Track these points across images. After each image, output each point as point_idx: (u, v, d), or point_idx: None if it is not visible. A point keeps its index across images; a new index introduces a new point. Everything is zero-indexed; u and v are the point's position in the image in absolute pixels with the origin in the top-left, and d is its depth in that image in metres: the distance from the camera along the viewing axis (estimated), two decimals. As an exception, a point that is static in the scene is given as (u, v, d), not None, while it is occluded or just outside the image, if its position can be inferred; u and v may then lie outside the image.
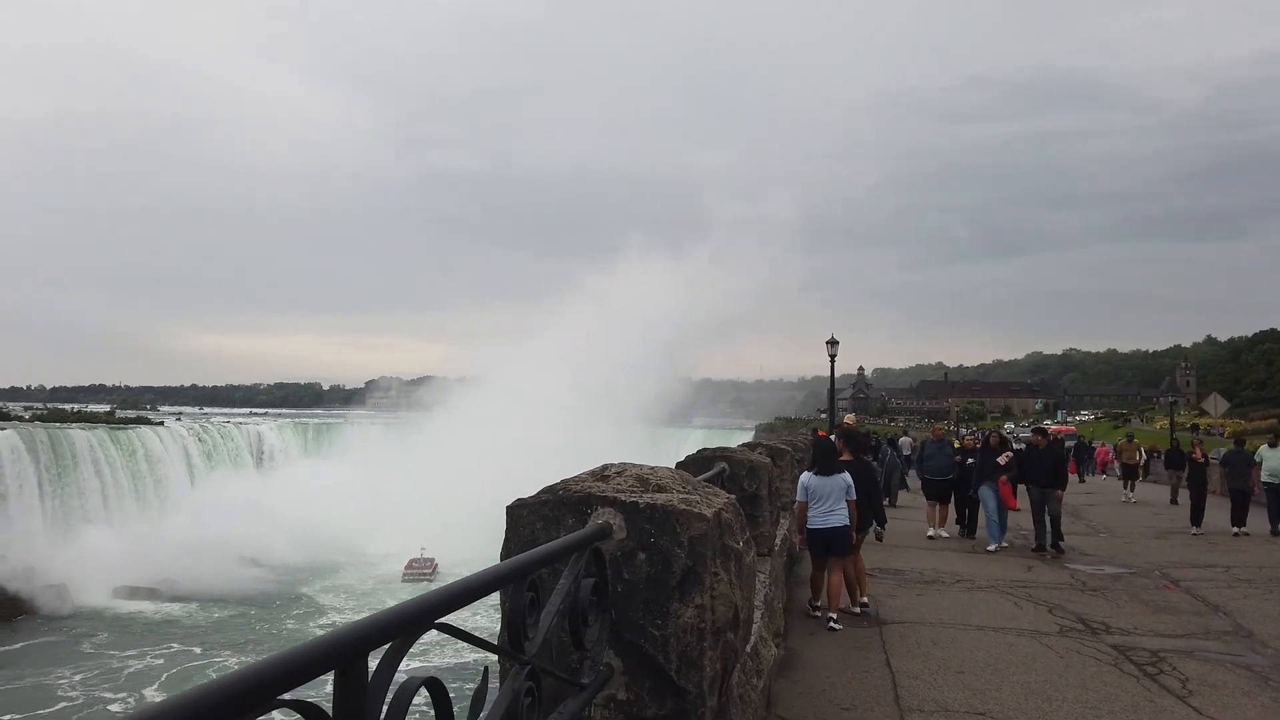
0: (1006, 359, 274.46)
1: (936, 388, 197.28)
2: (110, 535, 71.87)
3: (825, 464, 10.02)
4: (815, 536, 9.91)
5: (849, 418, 19.60)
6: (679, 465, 6.78)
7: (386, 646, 1.46)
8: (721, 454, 7.50)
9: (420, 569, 72.11)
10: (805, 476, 10.12)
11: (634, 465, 3.29)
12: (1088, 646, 8.83)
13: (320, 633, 1.47)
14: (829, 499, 9.85)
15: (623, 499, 2.79)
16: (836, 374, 38.60)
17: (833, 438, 21.83)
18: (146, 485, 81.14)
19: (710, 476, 5.80)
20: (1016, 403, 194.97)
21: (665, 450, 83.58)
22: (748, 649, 4.19)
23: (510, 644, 1.97)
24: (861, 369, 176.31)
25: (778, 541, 8.71)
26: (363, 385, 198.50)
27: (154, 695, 45.73)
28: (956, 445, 20.05)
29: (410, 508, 78.00)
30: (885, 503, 23.90)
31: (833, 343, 35.46)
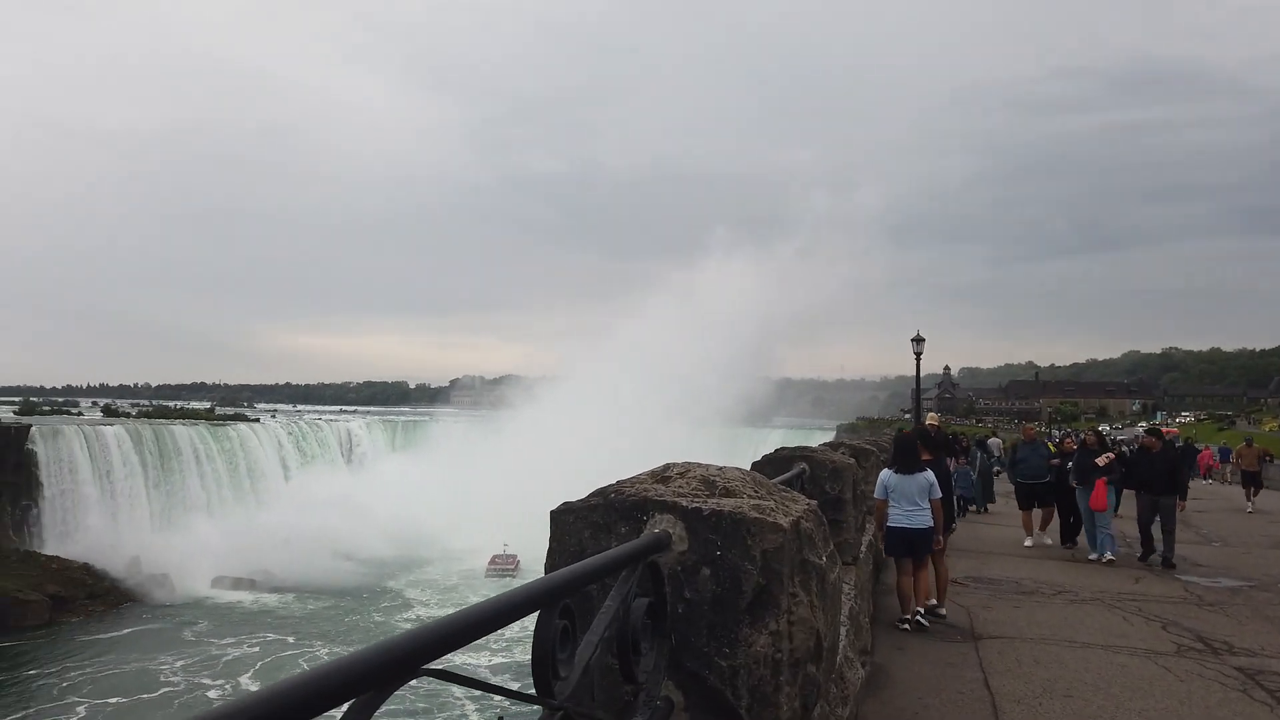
0: (1101, 358, 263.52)
1: (1027, 388, 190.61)
2: (210, 527, 74.89)
3: (906, 461, 9.68)
4: (896, 536, 9.56)
5: (932, 417, 18.50)
6: (754, 466, 6.34)
7: (349, 705, 1.06)
8: (801, 453, 7.04)
9: (503, 565, 73.02)
10: (885, 474, 9.83)
11: (700, 465, 2.91)
12: (1210, 669, 8.00)
13: (407, 627, 1.17)
14: (912, 497, 9.54)
15: (684, 504, 2.43)
16: (921, 373, 37.33)
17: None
18: (244, 479, 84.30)
19: (789, 478, 5.36)
20: (1112, 404, 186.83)
21: (743, 451, 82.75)
22: (838, 659, 3.75)
23: (537, 685, 1.56)
24: (947, 368, 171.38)
25: (863, 548, 8.12)
26: (447, 384, 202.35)
27: (249, 683, 47.27)
28: (1053, 449, 18.47)
29: (493, 504, 79.02)
30: (976, 509, 22.57)
31: (918, 340, 34.23)
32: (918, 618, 9.36)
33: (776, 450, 7.13)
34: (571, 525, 2.58)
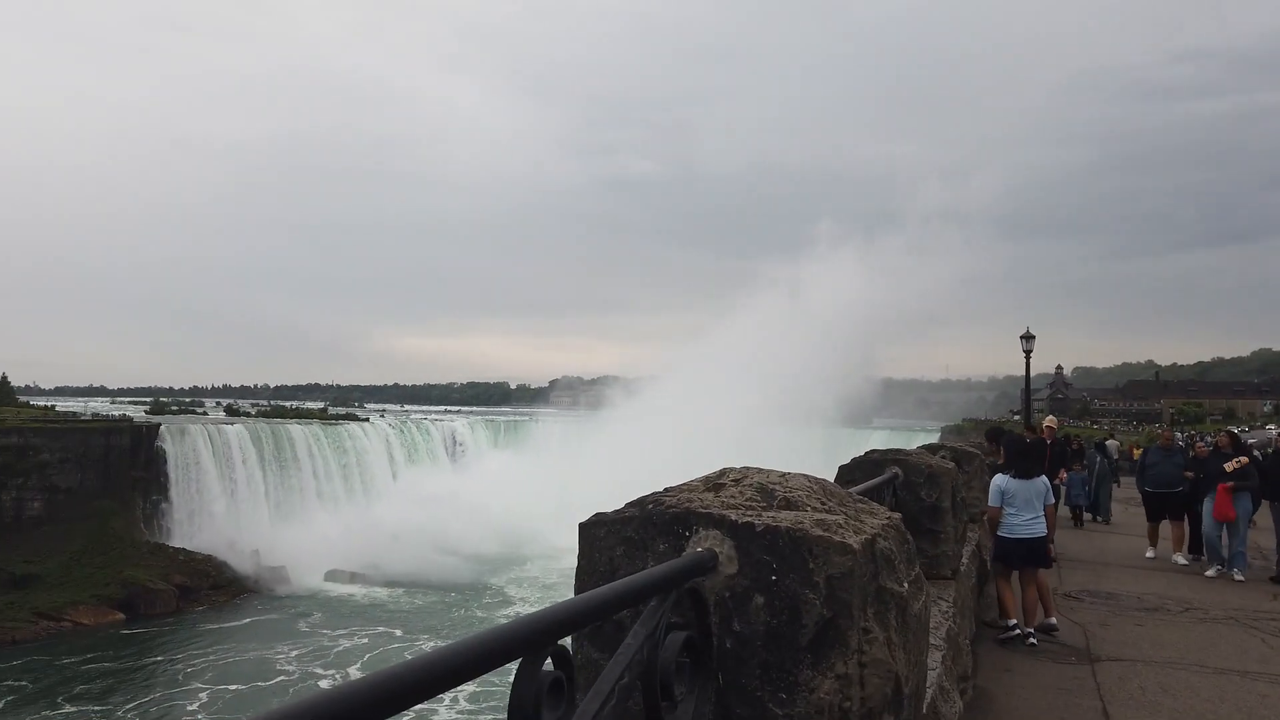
0: (1229, 356, 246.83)
1: (1146, 388, 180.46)
2: (323, 522, 77.90)
3: (1024, 465, 9.16)
4: (1013, 547, 8.98)
5: (1050, 420, 17.46)
6: (842, 470, 6.01)
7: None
8: (894, 456, 6.54)
9: (603, 564, 73.66)
10: (1001, 479, 9.22)
11: (760, 470, 2.52)
12: (1367, 701, 7.13)
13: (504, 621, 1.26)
14: (1030, 505, 8.98)
15: (733, 518, 2.02)
16: (1032, 372, 35.44)
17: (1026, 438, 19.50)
18: (354, 476, 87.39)
19: (877, 484, 4.95)
20: (1241, 404, 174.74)
21: (842, 453, 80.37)
22: (924, 706, 3.28)
23: None
24: (1060, 367, 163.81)
25: (964, 560, 7.50)
26: (546, 385, 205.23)
27: (354, 674, 48.76)
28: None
29: (593, 502, 78.33)
30: (1094, 518, 20.98)
31: (1028, 337, 32.48)
32: (1029, 639, 8.68)
33: (867, 453, 6.67)
34: (603, 540, 2.20)
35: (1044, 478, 9.28)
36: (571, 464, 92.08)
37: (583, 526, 2.35)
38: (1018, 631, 8.78)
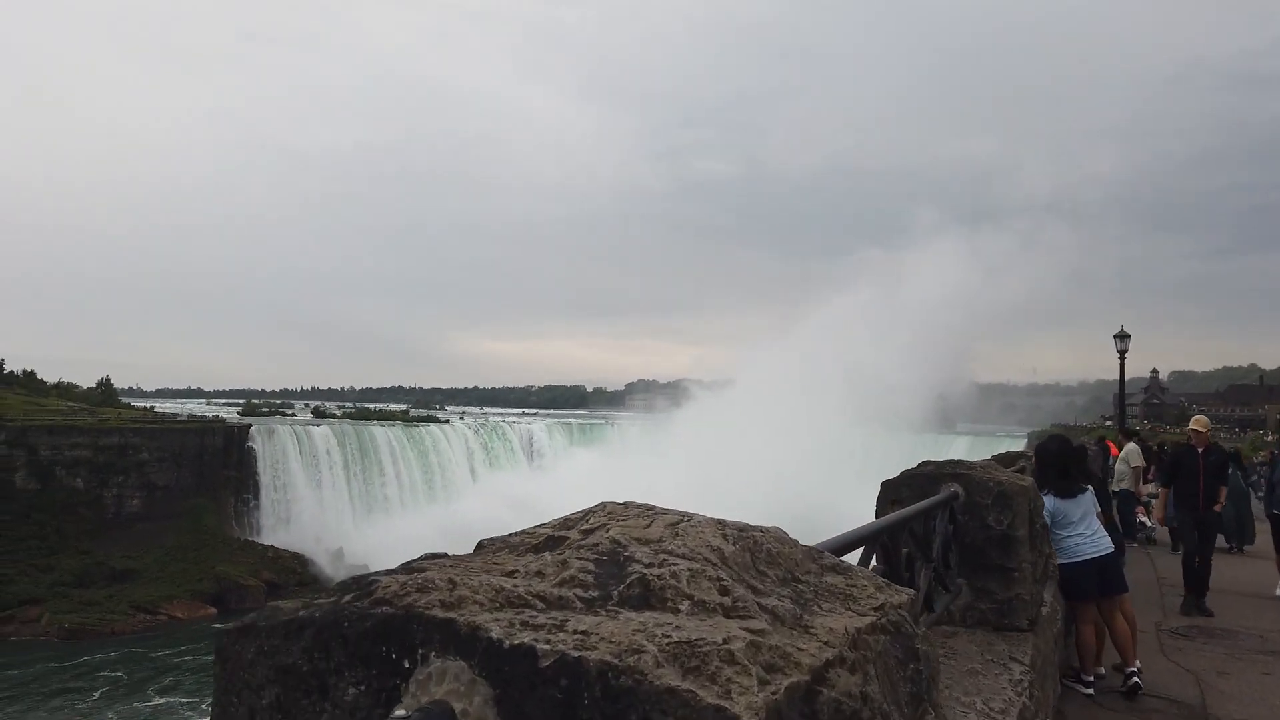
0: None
1: (1249, 392, 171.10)
2: (404, 522, 79.48)
3: (1063, 481, 7.61)
4: (1082, 571, 7.44)
5: (1199, 420, 12.02)
6: (885, 487, 5.07)
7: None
8: (954, 470, 5.31)
9: (678, 567, 73.45)
10: (1044, 499, 7.67)
11: (638, 512, 1.66)
12: None
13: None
14: (1086, 519, 7.53)
15: (495, 634, 1.07)
16: (1126, 375, 33.60)
17: (1133, 446, 17.26)
18: (435, 477, 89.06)
19: (927, 508, 4.23)
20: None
21: (920, 460, 78.68)
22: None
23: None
24: (1155, 371, 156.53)
25: (1047, 601, 5.93)
26: (623, 387, 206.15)
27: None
28: None
29: (665, 504, 79.35)
30: (1233, 548, 16.62)
31: (1122, 336, 30.35)
32: (1132, 678, 7.26)
33: (921, 465, 5.39)
34: (248, 671, 1.25)
35: (1090, 491, 7.77)
36: (648, 468, 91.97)
37: (223, 638, 1.32)
38: (1092, 690, 7.32)
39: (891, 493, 5.06)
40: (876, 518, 4.26)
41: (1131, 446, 17.37)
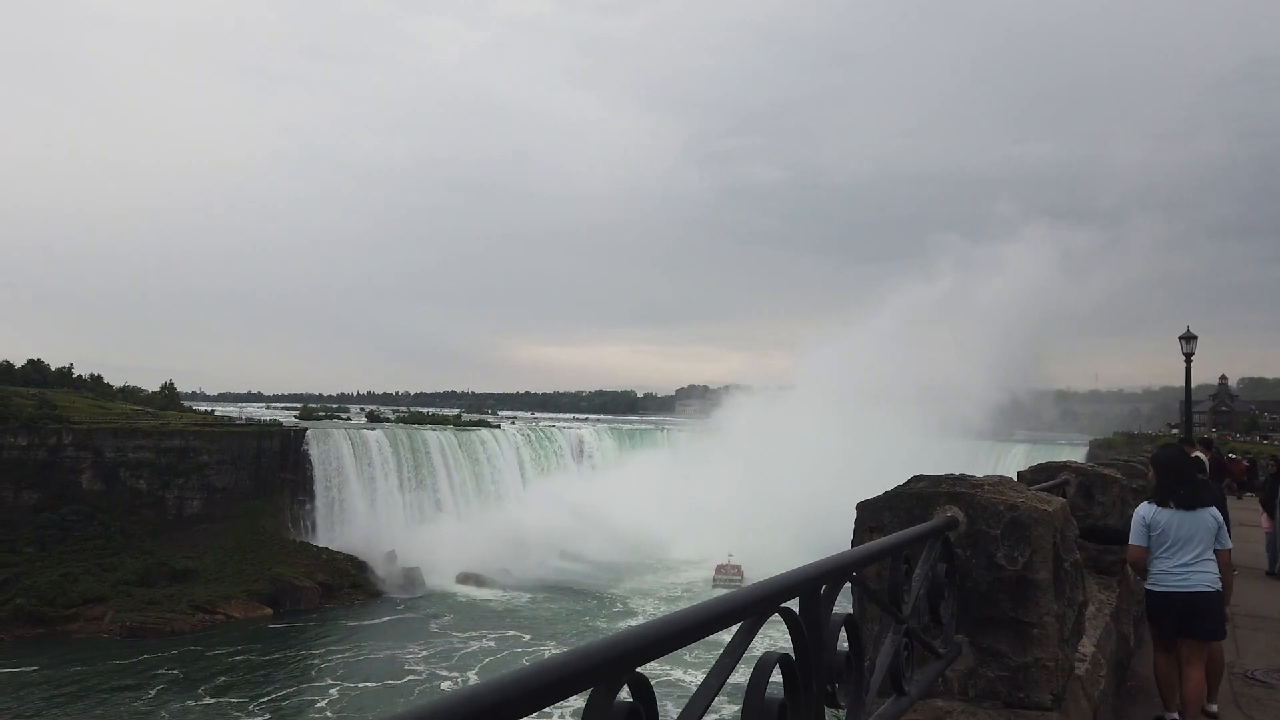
0: None
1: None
2: (455, 525, 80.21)
3: (1185, 491, 6.68)
4: (1165, 604, 6.57)
5: None
6: (864, 510, 4.16)
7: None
8: (952, 489, 4.06)
9: (730, 575, 72.87)
10: (1146, 510, 6.81)
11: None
12: None
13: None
14: (1190, 545, 6.53)
15: None
16: (1193, 382, 32.09)
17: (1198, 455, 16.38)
18: (486, 481, 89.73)
19: (905, 541, 3.23)
20: None
21: (978, 468, 76.99)
22: None
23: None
24: (1224, 378, 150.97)
25: (1085, 665, 4.97)
26: (673, 393, 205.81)
27: (474, 677, 49.76)
28: None
29: (716, 512, 79.07)
30: None
31: (1189, 338, 28.89)
32: None
33: (910, 480, 4.21)
34: None
35: (1214, 509, 6.76)
36: (695, 474, 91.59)
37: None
38: None
39: (870, 517, 4.11)
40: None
41: (1198, 457, 16.57)
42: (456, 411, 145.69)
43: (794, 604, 2.18)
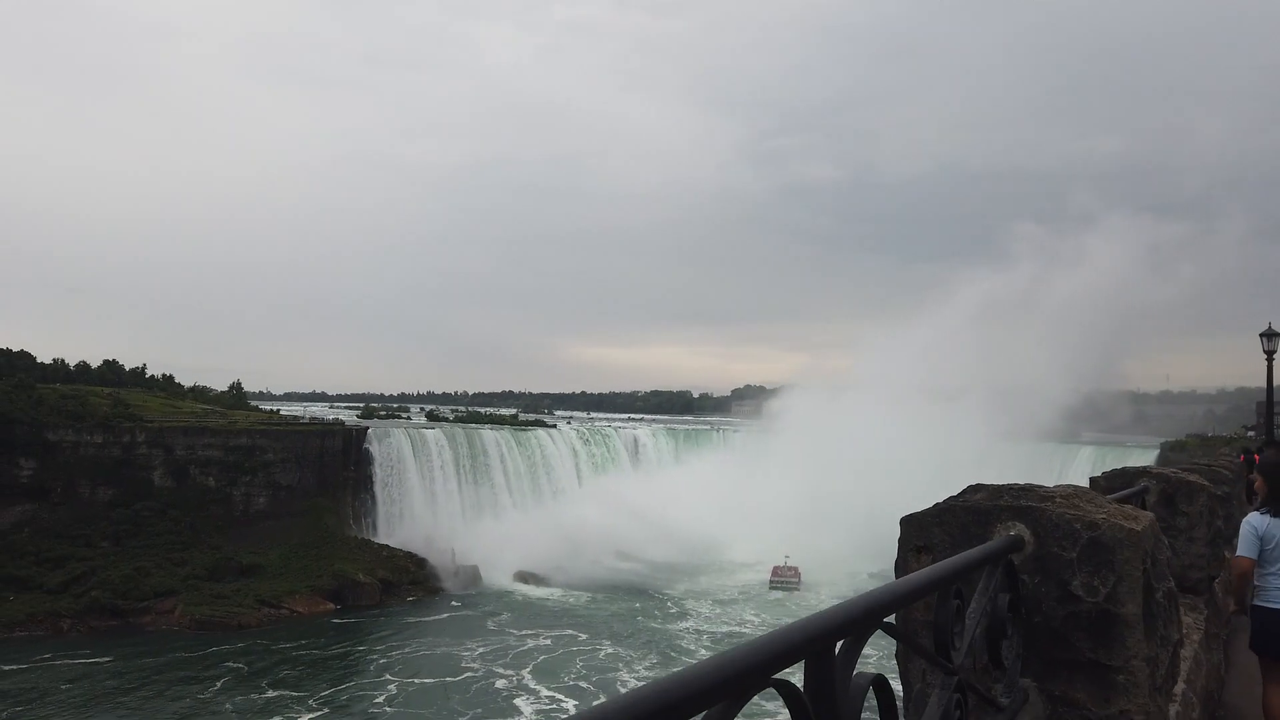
0: None
1: None
2: (512, 524, 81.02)
3: None
4: (1273, 621, 6.06)
5: None
6: (909, 527, 3.57)
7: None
8: (1016, 501, 3.42)
9: (786, 577, 72.30)
10: (1258, 520, 6.35)
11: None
12: None
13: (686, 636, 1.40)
14: None
15: None
16: (1275, 380, 30.73)
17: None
18: (541, 480, 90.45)
19: (960, 569, 2.67)
20: None
21: (1044, 470, 74.87)
22: None
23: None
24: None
25: (1176, 697, 4.20)
26: (729, 394, 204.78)
27: (529, 676, 50.09)
28: None
29: (770, 514, 78.41)
30: None
31: (1270, 335, 27.64)
32: None
33: (966, 492, 3.61)
34: None
35: None
36: (750, 475, 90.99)
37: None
38: None
39: (917, 535, 3.54)
40: (896, 575, 3.21)
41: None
42: (513, 411, 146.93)
43: (795, 670, 1.63)
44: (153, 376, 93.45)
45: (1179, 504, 7.06)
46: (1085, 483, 6.88)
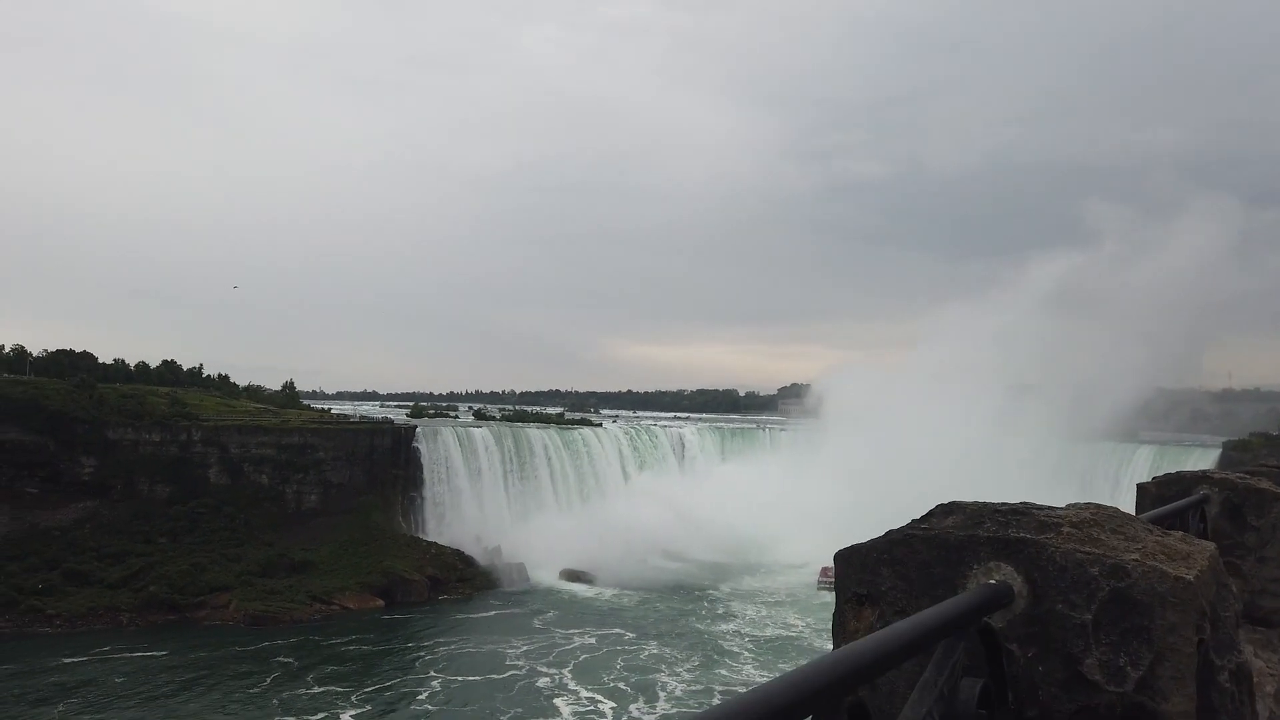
0: None
1: None
2: (558, 522, 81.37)
3: None
4: None
5: None
6: (850, 559, 2.56)
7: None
8: (1004, 533, 2.34)
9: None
10: None
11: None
12: None
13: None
14: None
15: None
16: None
17: None
18: (587, 479, 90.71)
19: (938, 630, 1.92)
20: None
21: (1100, 474, 72.75)
22: None
23: None
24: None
25: None
26: (775, 392, 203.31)
27: (569, 676, 50.21)
28: None
29: (818, 513, 77.55)
30: None
31: None
32: None
33: (933, 516, 2.63)
34: None
35: None
36: (797, 473, 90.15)
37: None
38: None
39: (856, 578, 2.54)
40: (833, 637, 2.49)
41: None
42: (560, 410, 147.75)
43: None
44: (209, 376, 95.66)
45: (1247, 516, 5.88)
46: (1136, 492, 6.29)
